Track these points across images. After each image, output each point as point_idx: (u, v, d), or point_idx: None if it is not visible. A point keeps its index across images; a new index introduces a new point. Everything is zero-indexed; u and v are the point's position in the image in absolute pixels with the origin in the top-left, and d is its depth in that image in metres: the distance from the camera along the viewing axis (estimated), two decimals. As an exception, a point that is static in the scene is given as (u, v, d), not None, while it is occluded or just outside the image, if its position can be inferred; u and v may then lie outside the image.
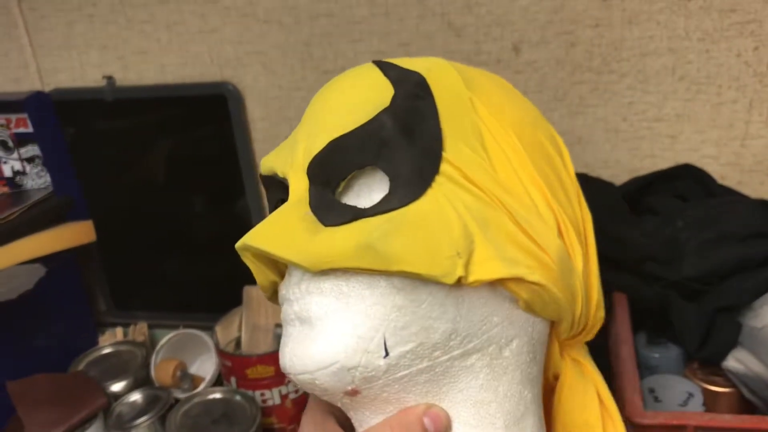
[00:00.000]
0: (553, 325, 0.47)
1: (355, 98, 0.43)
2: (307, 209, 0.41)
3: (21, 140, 1.07)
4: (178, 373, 1.00)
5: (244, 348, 0.99)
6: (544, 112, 0.45)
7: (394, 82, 0.43)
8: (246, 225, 1.06)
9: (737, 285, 0.72)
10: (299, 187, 0.42)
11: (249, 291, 1.01)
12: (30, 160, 1.08)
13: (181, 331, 1.06)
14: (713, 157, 0.90)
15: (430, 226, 0.39)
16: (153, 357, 1.03)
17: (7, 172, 1.09)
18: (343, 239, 0.39)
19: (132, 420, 0.92)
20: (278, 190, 0.46)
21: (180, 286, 1.16)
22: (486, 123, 0.44)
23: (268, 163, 0.46)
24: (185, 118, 1.04)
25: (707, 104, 0.88)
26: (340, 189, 0.42)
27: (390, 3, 0.91)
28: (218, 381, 1.01)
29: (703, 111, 0.88)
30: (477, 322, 0.41)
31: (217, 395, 0.94)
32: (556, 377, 0.50)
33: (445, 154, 0.41)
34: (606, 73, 0.89)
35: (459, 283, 0.39)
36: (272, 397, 0.94)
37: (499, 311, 0.42)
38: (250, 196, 1.05)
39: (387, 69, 0.44)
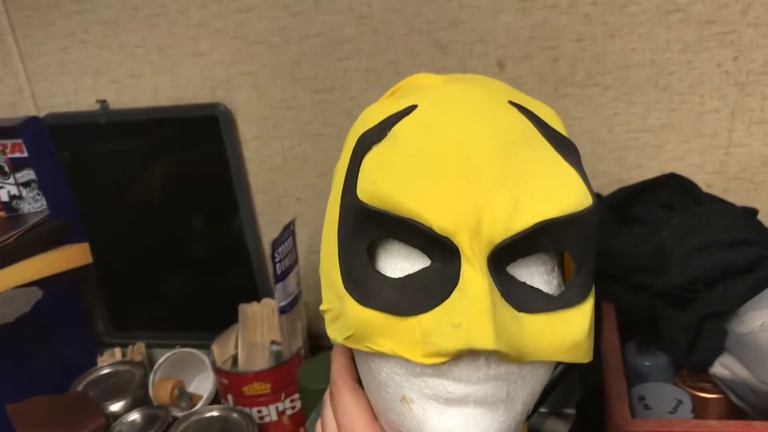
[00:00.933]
0: None
1: (543, 174, 0.39)
2: (496, 289, 0.38)
3: (17, 165, 1.08)
4: (176, 392, 1.01)
5: (241, 366, 0.99)
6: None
7: (570, 162, 0.41)
8: (240, 243, 1.08)
9: (723, 292, 0.72)
10: (481, 259, 0.38)
11: (245, 309, 1.02)
12: (26, 184, 1.09)
13: (179, 350, 1.07)
14: (698, 166, 0.91)
15: (594, 319, 0.42)
16: (151, 376, 1.04)
17: (4, 197, 1.10)
18: (555, 335, 0.40)
19: (131, 440, 0.93)
20: (385, 228, 0.40)
21: (177, 306, 1.17)
22: None
23: (402, 201, 0.38)
24: (178, 139, 1.05)
25: (691, 114, 0.89)
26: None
27: (377, 22, 0.93)
28: (216, 399, 1.02)
29: (687, 121, 0.89)
30: None
31: (215, 413, 0.94)
32: None
33: None
34: (590, 86, 0.90)
35: None
36: (269, 413, 0.95)
37: None
38: (243, 214, 1.06)
39: (545, 131, 0.42)
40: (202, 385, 1.07)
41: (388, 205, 0.38)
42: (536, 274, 0.41)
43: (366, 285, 0.40)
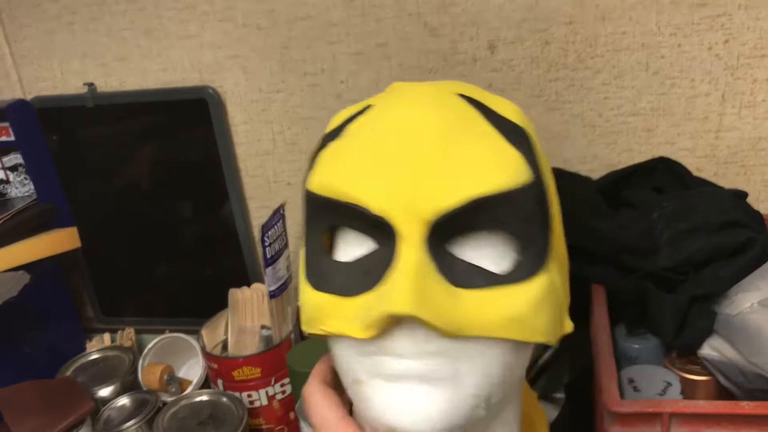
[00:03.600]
0: None
1: (480, 154, 0.40)
2: (432, 265, 0.39)
3: (3, 149, 1.07)
4: (166, 377, 1.01)
5: (231, 350, 0.99)
6: (521, 109, 0.46)
7: (514, 143, 0.41)
8: (230, 228, 1.07)
9: (712, 274, 0.73)
10: (416, 235, 0.39)
11: (234, 293, 1.02)
12: (13, 168, 1.08)
13: (168, 335, 1.06)
14: (689, 150, 0.91)
15: (554, 296, 0.42)
16: (140, 361, 1.03)
17: (-9, 181, 1.09)
18: (491, 309, 0.39)
19: (120, 424, 0.92)
20: (342, 216, 0.43)
21: (166, 291, 1.17)
22: (546, 174, 0.44)
23: (344, 189, 0.41)
24: (167, 123, 1.04)
25: (681, 98, 0.89)
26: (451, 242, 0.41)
27: (366, 4, 0.92)
28: (206, 384, 1.01)
29: (677, 104, 0.89)
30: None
31: (204, 397, 0.94)
32: None
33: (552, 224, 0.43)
34: (581, 70, 0.90)
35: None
36: (259, 398, 0.95)
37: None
38: (233, 198, 1.06)
39: (491, 118, 0.43)
40: (192, 370, 1.07)
41: (333, 192, 0.41)
42: (485, 255, 0.41)
43: (321, 271, 0.43)
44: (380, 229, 0.41)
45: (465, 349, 0.40)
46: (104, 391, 1.00)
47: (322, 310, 0.42)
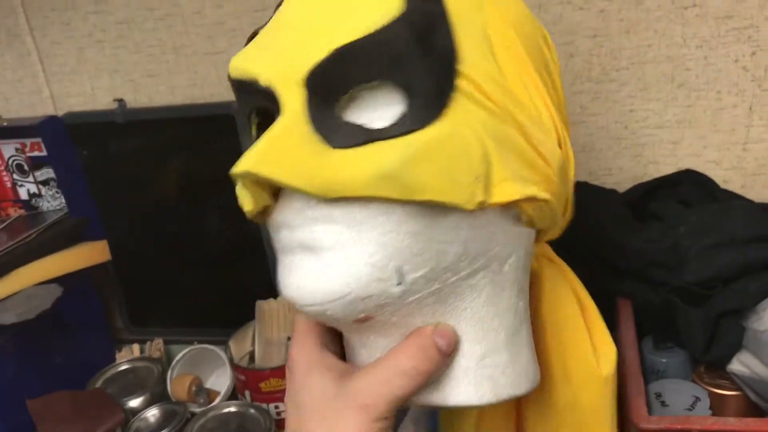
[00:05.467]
0: (538, 232, 0.47)
1: (357, 1, 0.38)
2: (308, 127, 0.37)
3: (36, 163, 1.10)
4: (194, 388, 1.02)
5: (258, 362, 1.00)
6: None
7: None
8: (256, 239, 1.08)
9: (740, 289, 0.72)
10: (294, 100, 0.37)
11: (261, 305, 1.03)
12: (45, 182, 1.11)
13: (196, 346, 1.08)
14: (715, 162, 0.91)
15: (452, 150, 0.37)
16: (169, 372, 1.05)
17: (23, 195, 1.12)
18: (359, 166, 0.36)
19: (149, 435, 0.94)
20: (254, 97, 0.41)
21: (194, 302, 1.18)
22: (492, 22, 0.40)
23: (243, 65, 0.40)
24: (195, 137, 1.06)
25: (708, 110, 0.89)
26: (340, 104, 0.38)
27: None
28: (233, 395, 1.02)
29: (703, 117, 0.89)
30: (484, 242, 0.41)
31: (232, 409, 0.95)
32: None
33: (460, 67, 0.38)
34: (606, 82, 0.90)
35: (478, 208, 0.38)
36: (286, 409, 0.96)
37: (503, 228, 0.42)
38: (260, 212, 1.06)
39: None
40: (220, 381, 1.08)
41: (237, 72, 0.40)
42: (383, 117, 0.38)
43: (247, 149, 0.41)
44: (273, 101, 0.38)
45: (351, 213, 0.37)
46: (134, 402, 1.01)
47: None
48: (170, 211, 1.11)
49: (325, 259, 0.38)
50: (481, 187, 0.38)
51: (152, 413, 0.99)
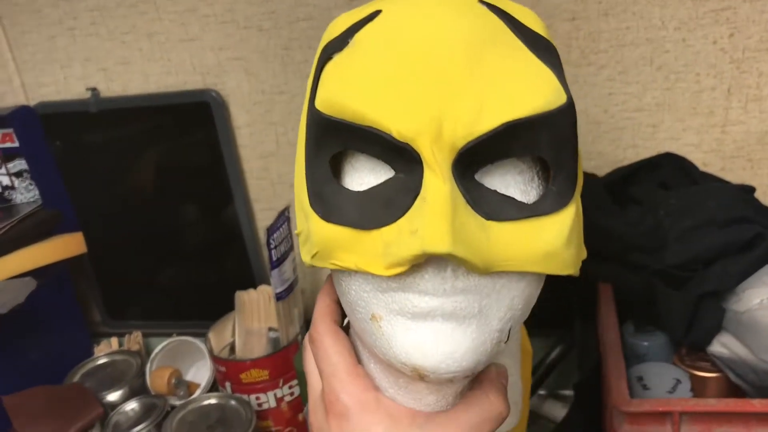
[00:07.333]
0: None
1: (512, 72, 0.37)
2: (462, 197, 0.36)
3: (8, 155, 1.07)
4: (174, 381, 1.01)
5: (238, 353, 0.99)
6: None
7: (545, 60, 0.38)
8: (235, 230, 1.07)
9: (720, 270, 0.72)
10: (444, 166, 0.35)
11: (241, 296, 1.01)
12: (18, 174, 1.08)
13: (175, 338, 1.07)
14: (695, 145, 0.91)
15: (579, 226, 0.40)
16: (148, 365, 1.03)
17: (-4, 188, 1.10)
18: (524, 243, 0.37)
19: (129, 429, 0.92)
20: (346, 139, 0.38)
21: (173, 294, 1.17)
22: None
23: (355, 107, 0.36)
24: (170, 126, 1.04)
25: (686, 92, 0.88)
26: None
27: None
28: (214, 387, 1.01)
29: (682, 99, 0.89)
30: None
31: (213, 401, 0.94)
32: None
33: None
34: (584, 66, 0.89)
35: None
36: (267, 400, 0.95)
37: None
38: (238, 201, 1.05)
39: (519, 30, 0.39)
40: (200, 373, 1.07)
41: (345, 113, 0.37)
42: (512, 184, 0.39)
43: (330, 200, 0.39)
44: (399, 156, 0.37)
45: (493, 284, 0.37)
46: (112, 396, 1.00)
47: (335, 243, 0.38)
48: (147, 201, 1.10)
49: (465, 328, 0.37)
50: (582, 253, 0.41)
51: (131, 407, 0.98)
